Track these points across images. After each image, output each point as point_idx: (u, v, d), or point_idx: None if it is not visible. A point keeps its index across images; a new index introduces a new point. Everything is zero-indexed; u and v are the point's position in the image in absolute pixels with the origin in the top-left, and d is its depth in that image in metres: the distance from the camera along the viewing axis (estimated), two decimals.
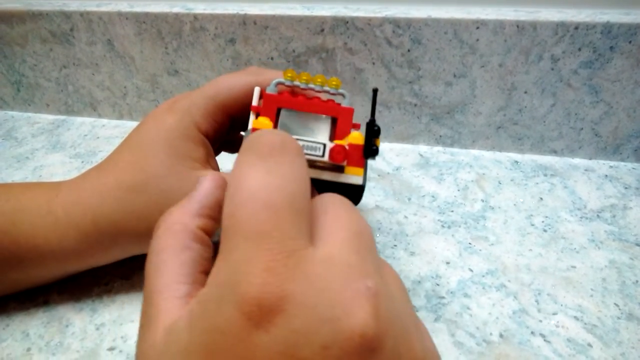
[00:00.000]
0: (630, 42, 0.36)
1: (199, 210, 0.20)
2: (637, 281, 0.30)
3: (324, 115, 0.26)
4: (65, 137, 0.50)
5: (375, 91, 0.24)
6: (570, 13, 0.37)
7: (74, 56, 0.49)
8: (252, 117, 0.26)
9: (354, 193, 0.25)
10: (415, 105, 0.43)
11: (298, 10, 0.41)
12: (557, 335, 0.27)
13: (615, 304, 0.29)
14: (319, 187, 0.25)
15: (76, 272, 0.31)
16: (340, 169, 0.25)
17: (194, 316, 0.14)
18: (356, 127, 0.26)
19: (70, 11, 0.46)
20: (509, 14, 0.38)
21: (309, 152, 0.24)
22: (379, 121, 0.45)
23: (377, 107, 0.44)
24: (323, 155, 0.24)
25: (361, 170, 0.25)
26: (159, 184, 0.27)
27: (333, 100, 0.26)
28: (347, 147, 0.24)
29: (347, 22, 0.40)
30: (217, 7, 0.43)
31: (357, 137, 0.25)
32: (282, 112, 0.26)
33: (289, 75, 0.26)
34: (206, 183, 0.21)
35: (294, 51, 0.43)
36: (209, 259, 0.19)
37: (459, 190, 0.39)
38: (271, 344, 0.13)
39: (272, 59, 0.43)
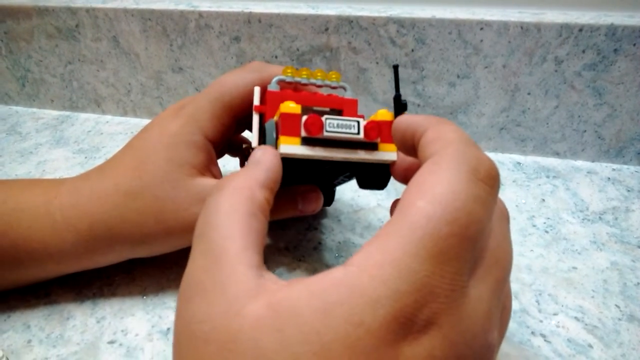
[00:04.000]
0: (634, 44, 0.36)
1: (265, 181, 0.19)
2: (638, 283, 0.30)
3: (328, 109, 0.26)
4: (69, 133, 0.51)
5: (396, 67, 0.24)
6: (575, 15, 0.37)
7: (79, 52, 0.50)
8: (255, 117, 0.26)
9: (385, 171, 0.24)
10: (419, 105, 0.43)
11: (303, 9, 0.41)
12: (557, 335, 0.27)
13: (616, 305, 0.29)
14: (349, 169, 0.25)
15: (74, 272, 0.31)
16: (374, 147, 0.23)
17: (333, 305, 0.14)
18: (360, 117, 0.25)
19: (76, 7, 0.46)
20: (513, 15, 0.38)
21: (343, 130, 0.22)
22: None
23: (380, 107, 0.44)
24: (358, 133, 0.22)
25: (394, 146, 0.23)
26: (153, 191, 0.27)
27: (335, 95, 0.26)
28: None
29: (352, 21, 0.40)
30: (223, 5, 0.43)
31: (384, 114, 0.24)
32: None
33: (289, 71, 0.26)
34: (269, 155, 0.20)
35: (298, 49, 0.43)
36: (265, 235, 0.18)
37: None
38: (411, 357, 0.13)
39: (276, 57, 0.44)
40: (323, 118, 0.22)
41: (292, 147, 0.22)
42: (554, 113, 0.40)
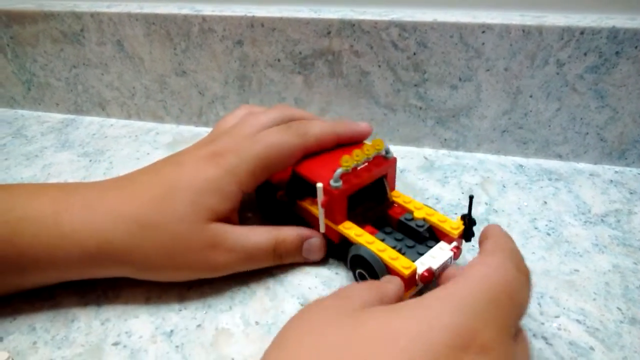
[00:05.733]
0: (636, 47, 0.36)
1: None
2: None
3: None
4: (73, 136, 0.51)
5: (471, 198, 0.29)
6: (576, 18, 0.37)
7: (84, 56, 0.50)
8: (321, 210, 0.29)
9: None
10: (421, 108, 0.43)
11: (305, 13, 0.41)
12: (559, 338, 0.27)
13: (618, 308, 0.29)
14: None
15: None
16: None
17: (408, 317, 0.18)
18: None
19: (81, 12, 0.47)
20: (514, 18, 0.38)
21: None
22: (384, 124, 0.45)
23: (382, 110, 0.44)
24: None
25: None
26: (172, 227, 0.28)
27: (381, 157, 0.32)
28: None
29: (354, 25, 0.40)
30: (225, 9, 0.44)
31: (459, 225, 0.30)
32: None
33: (348, 163, 0.29)
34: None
35: (300, 53, 0.43)
36: None
37: (463, 193, 0.39)
38: None
39: (278, 60, 0.44)
40: (433, 267, 0.27)
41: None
42: (556, 115, 0.40)
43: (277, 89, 0.46)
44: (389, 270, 0.27)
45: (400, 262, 0.27)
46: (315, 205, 0.30)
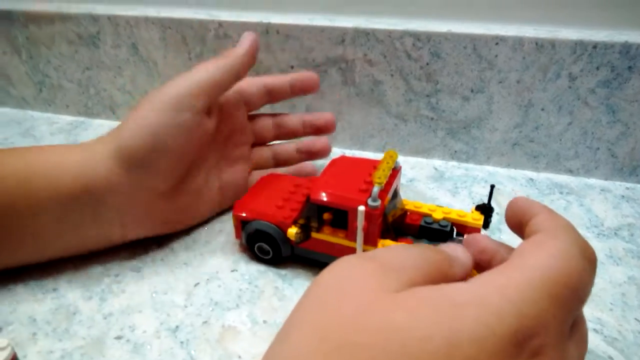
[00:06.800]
0: None
1: None
2: None
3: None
4: (82, 138, 0.51)
5: (492, 187, 0.29)
6: (589, 32, 0.38)
7: (98, 59, 0.51)
8: (361, 237, 0.28)
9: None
10: (432, 119, 0.43)
11: (320, 21, 0.42)
12: None
13: (636, 319, 0.28)
14: None
15: (70, 250, 0.32)
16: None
17: (463, 304, 0.15)
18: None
19: (98, 14, 0.48)
20: (528, 31, 0.38)
21: None
22: (394, 134, 0.45)
23: (393, 120, 0.44)
24: None
25: None
26: None
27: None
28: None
29: (368, 33, 0.41)
30: (242, 15, 0.44)
31: (476, 217, 0.30)
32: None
33: (381, 180, 0.28)
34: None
35: (313, 60, 0.43)
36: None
37: (474, 203, 0.39)
38: None
39: (292, 67, 0.44)
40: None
41: None
42: (567, 130, 0.40)
43: None
44: None
45: None
46: (337, 234, 0.29)
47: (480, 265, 0.21)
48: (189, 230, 0.35)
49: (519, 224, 0.21)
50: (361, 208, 0.27)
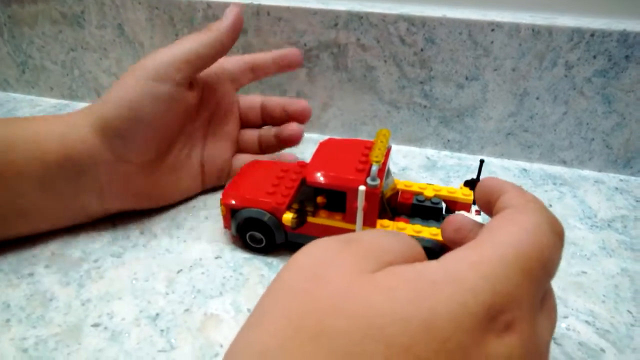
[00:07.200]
0: None
1: None
2: None
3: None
4: None
5: (481, 162, 0.29)
6: (587, 20, 0.37)
7: (82, 39, 0.49)
8: (360, 217, 0.27)
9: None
10: (425, 107, 0.42)
11: (313, 4, 0.41)
12: (568, 338, 0.26)
13: (628, 311, 0.27)
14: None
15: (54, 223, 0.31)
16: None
17: (439, 283, 0.15)
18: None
19: None
20: (525, 18, 0.37)
21: None
22: (386, 121, 0.44)
23: (386, 107, 0.43)
24: None
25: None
26: None
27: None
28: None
29: (362, 17, 0.40)
30: None
31: (466, 193, 0.30)
32: None
33: (379, 159, 0.27)
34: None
35: (305, 45, 0.42)
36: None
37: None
38: (494, 351, 0.14)
39: None
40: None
41: None
42: (562, 120, 0.40)
43: (279, 81, 0.45)
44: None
45: None
46: (334, 217, 0.29)
47: (456, 243, 0.21)
48: (173, 216, 0.34)
49: (487, 203, 0.21)
50: (362, 188, 0.26)
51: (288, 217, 0.29)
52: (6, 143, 0.28)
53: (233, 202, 0.30)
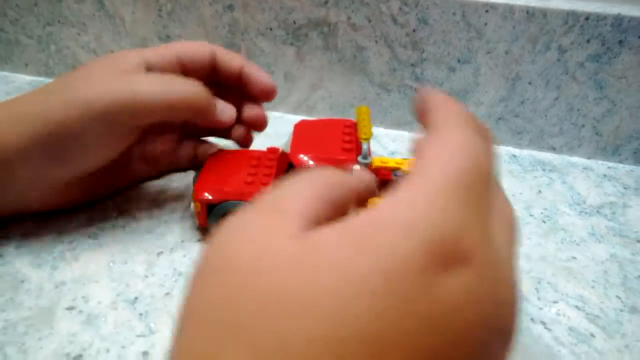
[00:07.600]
0: (639, 36, 0.35)
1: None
2: (639, 276, 0.29)
3: None
4: None
5: None
6: (581, 3, 0.36)
7: (60, 13, 0.46)
8: None
9: None
10: (416, 90, 0.41)
11: None
12: (558, 323, 0.25)
13: (617, 296, 0.27)
14: None
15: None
16: None
17: (365, 238, 0.13)
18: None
19: None
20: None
21: None
22: (376, 104, 0.43)
23: (376, 90, 0.42)
24: None
25: None
26: None
27: None
28: None
29: None
30: None
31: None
32: None
33: (367, 136, 0.27)
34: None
35: (294, 22, 0.41)
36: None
37: None
38: (446, 290, 0.12)
39: (270, 29, 0.42)
40: None
41: None
42: (554, 105, 0.39)
43: (267, 61, 0.43)
44: None
45: None
46: None
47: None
48: (153, 197, 0.33)
49: (422, 117, 0.20)
50: (357, 167, 0.25)
51: None
52: None
53: (209, 196, 0.28)
